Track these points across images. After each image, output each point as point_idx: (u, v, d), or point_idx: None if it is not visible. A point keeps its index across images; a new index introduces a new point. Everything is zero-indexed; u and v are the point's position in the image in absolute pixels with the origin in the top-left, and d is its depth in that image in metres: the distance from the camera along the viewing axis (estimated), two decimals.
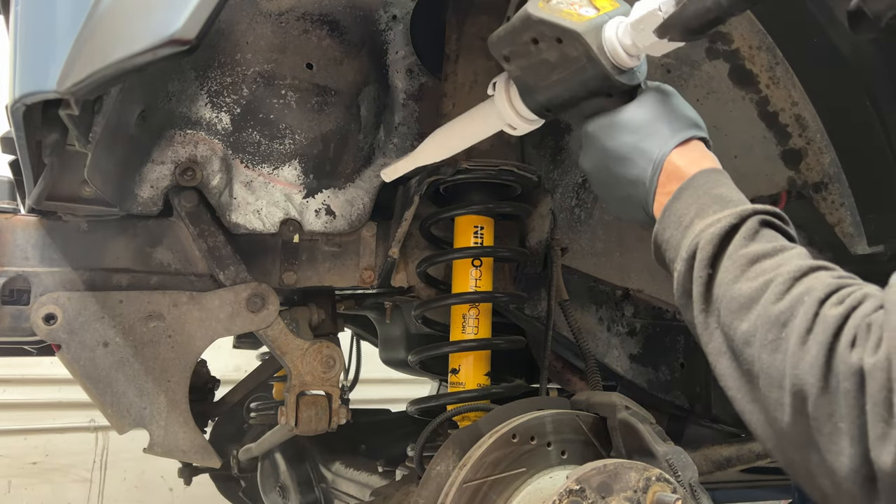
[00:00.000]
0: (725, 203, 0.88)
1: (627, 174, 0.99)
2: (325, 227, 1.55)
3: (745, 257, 0.80)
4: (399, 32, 1.56)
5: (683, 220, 0.90)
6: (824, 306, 0.71)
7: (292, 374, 1.50)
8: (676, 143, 0.96)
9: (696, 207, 0.89)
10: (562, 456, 1.19)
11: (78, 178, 1.29)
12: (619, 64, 0.98)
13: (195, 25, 0.84)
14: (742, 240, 0.82)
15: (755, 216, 0.84)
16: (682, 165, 0.95)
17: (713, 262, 0.83)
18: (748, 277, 0.79)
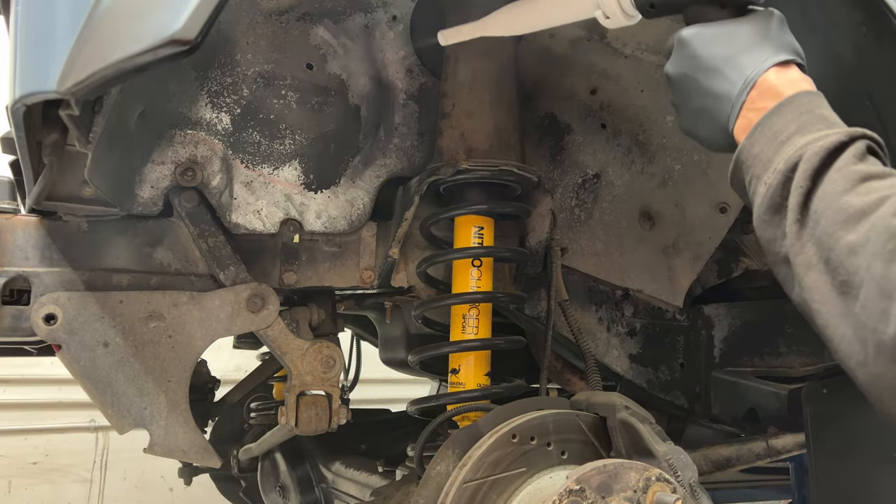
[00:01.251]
0: (831, 123, 0.86)
1: (714, 86, 0.96)
2: (325, 227, 1.55)
3: (857, 173, 0.78)
4: (399, 32, 1.56)
5: (780, 135, 0.87)
6: None
7: (292, 374, 1.50)
8: (775, 62, 0.93)
9: (797, 124, 0.87)
10: (562, 456, 1.19)
11: (78, 178, 1.29)
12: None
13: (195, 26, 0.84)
14: (852, 157, 0.80)
15: (864, 139, 0.83)
16: (780, 84, 0.92)
17: (818, 174, 0.81)
18: (859, 192, 0.77)
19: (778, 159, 0.86)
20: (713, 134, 0.99)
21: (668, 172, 1.79)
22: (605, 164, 1.75)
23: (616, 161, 1.76)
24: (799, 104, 0.89)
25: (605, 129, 1.75)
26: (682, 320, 1.87)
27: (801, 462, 2.53)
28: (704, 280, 1.95)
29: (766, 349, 1.87)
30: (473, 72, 1.46)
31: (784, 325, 1.88)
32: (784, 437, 1.81)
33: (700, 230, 1.82)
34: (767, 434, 1.82)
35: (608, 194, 1.76)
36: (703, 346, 1.88)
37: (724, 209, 1.81)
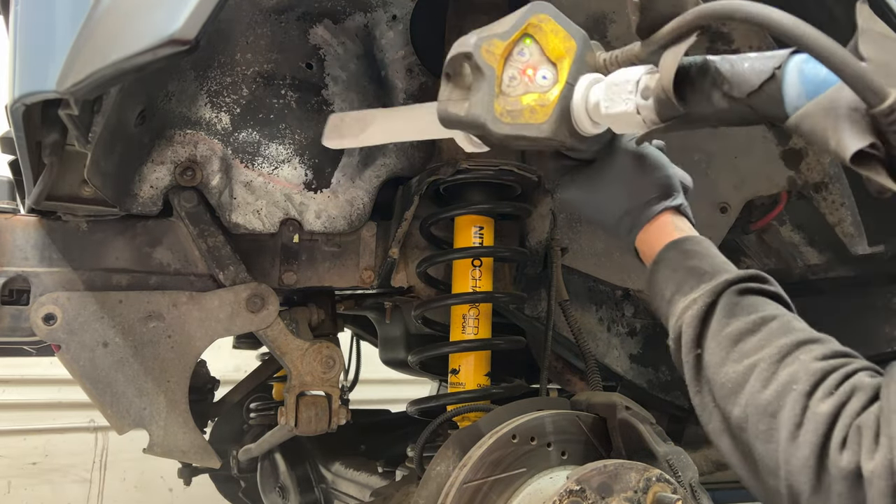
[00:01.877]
0: (700, 276, 0.88)
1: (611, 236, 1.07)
2: (324, 227, 1.55)
3: (728, 338, 0.80)
4: (399, 32, 1.56)
5: (665, 294, 0.91)
6: (812, 399, 0.70)
7: (292, 375, 1.50)
8: (641, 226, 0.98)
9: (673, 283, 0.90)
10: (562, 456, 1.19)
11: (78, 178, 1.29)
12: (587, 133, 0.92)
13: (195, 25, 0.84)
14: (722, 318, 0.82)
15: (730, 288, 0.84)
16: (651, 243, 0.97)
17: (697, 343, 0.84)
18: (733, 360, 0.79)
19: (669, 324, 0.90)
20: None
21: None
22: None
23: None
24: (668, 262, 0.93)
25: None
26: None
27: None
28: None
29: None
30: None
31: None
32: None
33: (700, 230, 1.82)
34: None
35: None
36: None
37: (724, 209, 1.80)
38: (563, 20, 0.91)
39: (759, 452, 0.74)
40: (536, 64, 0.90)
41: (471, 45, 0.89)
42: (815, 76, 0.70)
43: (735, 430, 0.77)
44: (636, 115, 0.84)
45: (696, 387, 0.84)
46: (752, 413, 0.74)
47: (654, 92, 0.81)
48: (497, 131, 0.88)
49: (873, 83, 0.62)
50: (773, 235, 1.89)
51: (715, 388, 0.80)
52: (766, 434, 0.73)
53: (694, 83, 0.80)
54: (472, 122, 0.89)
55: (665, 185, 1.00)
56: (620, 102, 0.85)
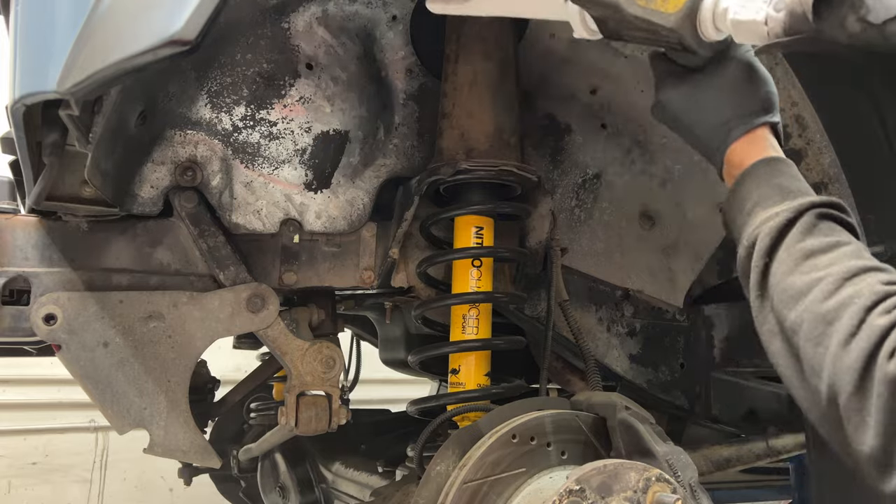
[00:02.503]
0: (785, 194, 0.92)
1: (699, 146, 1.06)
2: (325, 227, 1.55)
3: (801, 251, 0.85)
4: (399, 32, 1.56)
5: (745, 206, 0.95)
6: (871, 314, 0.75)
7: (292, 375, 1.50)
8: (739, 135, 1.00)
9: (756, 195, 0.94)
10: (562, 456, 1.19)
11: (78, 178, 1.29)
12: (707, 37, 0.95)
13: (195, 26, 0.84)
14: (798, 234, 0.87)
15: (812, 210, 0.89)
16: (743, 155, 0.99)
17: (770, 252, 0.89)
18: (801, 271, 0.84)
19: (744, 233, 0.95)
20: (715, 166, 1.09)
21: (668, 172, 1.79)
22: (605, 164, 1.75)
23: (616, 161, 1.75)
24: (757, 176, 0.96)
25: (605, 129, 1.75)
26: (682, 321, 1.87)
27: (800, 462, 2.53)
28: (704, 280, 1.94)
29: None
30: (473, 72, 1.46)
31: None
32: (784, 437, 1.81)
33: (700, 230, 1.82)
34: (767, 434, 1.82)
35: (608, 194, 1.76)
36: (703, 346, 1.88)
37: None
38: None
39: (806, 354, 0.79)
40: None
41: None
42: None
43: (787, 333, 0.83)
44: (763, 26, 0.86)
45: (758, 291, 0.90)
46: (808, 318, 0.80)
47: (790, 4, 0.82)
48: (628, 9, 0.93)
49: None
50: None
51: (776, 293, 0.85)
52: (818, 338, 0.78)
53: (832, 3, 0.80)
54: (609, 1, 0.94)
55: (770, 100, 1.03)
56: (751, 10, 0.87)
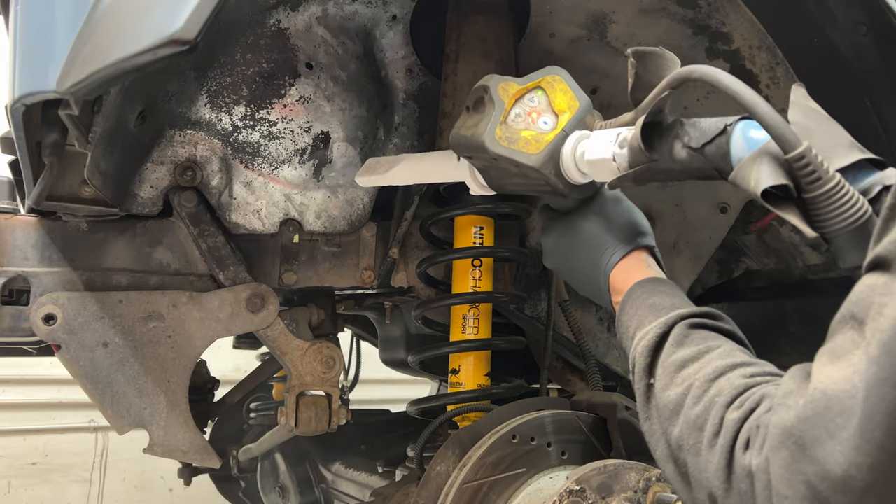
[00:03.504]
0: (658, 311, 0.92)
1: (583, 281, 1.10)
2: (324, 227, 1.55)
3: (673, 364, 0.84)
4: (399, 32, 1.56)
5: (629, 331, 0.95)
6: (728, 410, 0.73)
7: (292, 375, 1.50)
8: (617, 259, 1.04)
9: (636, 319, 0.95)
10: (562, 456, 1.19)
11: (78, 178, 1.29)
12: (573, 180, 1.03)
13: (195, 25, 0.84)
14: (671, 347, 0.86)
15: (682, 321, 0.88)
16: (621, 280, 1.02)
17: (649, 372, 0.87)
18: (675, 384, 0.82)
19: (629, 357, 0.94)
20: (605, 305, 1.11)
21: None
22: None
23: None
24: (633, 300, 0.98)
25: None
26: None
27: None
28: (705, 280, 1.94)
29: (768, 349, 1.86)
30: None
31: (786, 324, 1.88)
32: None
33: (700, 230, 1.82)
34: None
35: None
36: None
37: (724, 209, 1.81)
38: (574, 85, 1.07)
39: (691, 469, 0.76)
40: (541, 111, 1.05)
41: (491, 80, 1.07)
42: (757, 137, 0.80)
43: (675, 452, 0.80)
44: (612, 162, 0.95)
45: (645, 413, 0.87)
46: (685, 429, 0.78)
47: (629, 140, 0.92)
48: (492, 148, 1.04)
49: (789, 134, 0.73)
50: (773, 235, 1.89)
51: (659, 412, 0.83)
52: (694, 448, 0.76)
53: (662, 135, 0.91)
54: (474, 140, 1.06)
55: (641, 225, 1.08)
56: (601, 150, 0.97)
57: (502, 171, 1.09)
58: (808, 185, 0.72)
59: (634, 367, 0.90)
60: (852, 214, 0.72)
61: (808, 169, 0.72)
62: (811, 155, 0.72)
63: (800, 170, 0.72)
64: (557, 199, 1.11)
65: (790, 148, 0.72)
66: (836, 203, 0.72)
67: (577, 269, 1.11)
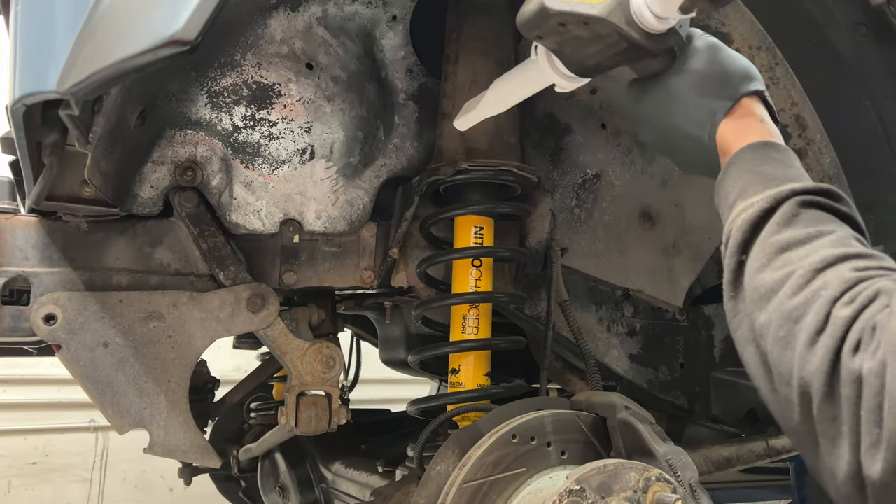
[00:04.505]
0: (767, 181, 0.83)
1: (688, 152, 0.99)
2: (324, 228, 1.55)
3: (774, 245, 0.77)
4: (399, 33, 1.56)
5: (729, 198, 0.87)
6: (836, 306, 0.67)
7: (292, 375, 1.50)
8: (723, 114, 0.93)
9: (739, 186, 0.86)
10: (562, 456, 1.19)
11: (78, 178, 1.29)
12: (653, 30, 0.94)
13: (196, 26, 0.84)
14: (775, 226, 0.78)
15: (794, 197, 0.79)
16: (730, 139, 0.92)
17: (744, 248, 0.80)
18: (774, 267, 0.75)
19: (725, 227, 0.86)
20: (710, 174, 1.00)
21: (668, 172, 1.79)
22: (605, 164, 1.75)
23: (616, 161, 1.76)
24: (741, 164, 0.88)
25: (605, 129, 1.75)
26: (682, 320, 1.87)
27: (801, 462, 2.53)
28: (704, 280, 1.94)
29: None
30: (473, 72, 1.46)
31: None
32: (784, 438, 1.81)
33: (700, 230, 1.82)
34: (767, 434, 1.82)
35: (608, 194, 1.76)
36: (703, 346, 1.88)
37: None
38: None
39: (774, 359, 0.71)
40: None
41: None
42: None
43: (758, 338, 0.74)
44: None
45: (731, 292, 0.81)
46: (775, 318, 0.71)
47: None
48: (553, 6, 0.94)
49: None
50: None
51: (748, 293, 0.76)
52: (783, 340, 0.70)
53: None
54: (534, 7, 0.96)
55: (747, 69, 0.96)
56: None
57: (576, 43, 0.99)
58: None
59: (728, 240, 0.82)
60: None
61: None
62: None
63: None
64: (643, 62, 1.00)
65: None
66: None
67: (679, 137, 0.99)
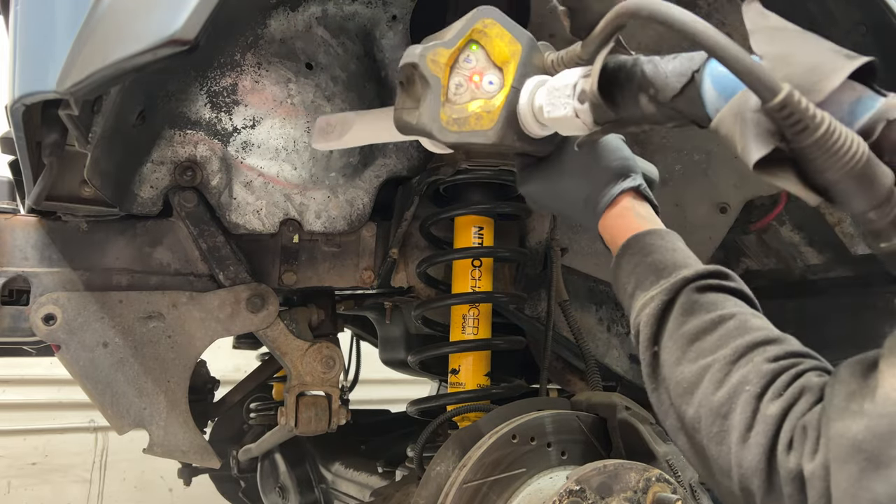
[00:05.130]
0: (659, 272, 0.86)
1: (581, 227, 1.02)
2: (324, 227, 1.55)
3: (684, 337, 0.80)
4: (399, 32, 1.56)
5: (627, 289, 0.90)
6: (762, 402, 0.70)
7: (292, 375, 1.50)
8: (602, 210, 0.96)
9: (634, 279, 0.89)
10: (562, 456, 1.19)
11: (78, 178, 1.29)
12: (535, 135, 0.94)
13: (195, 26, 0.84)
14: (679, 316, 0.81)
15: (689, 285, 0.83)
16: (614, 233, 0.95)
17: (655, 340, 0.83)
18: (689, 359, 0.78)
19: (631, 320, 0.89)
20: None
21: (668, 172, 1.79)
22: None
23: None
24: (630, 256, 0.91)
25: None
26: None
27: None
28: None
29: None
30: None
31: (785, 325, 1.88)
32: None
33: (700, 230, 1.82)
34: None
35: None
36: None
37: (724, 209, 1.80)
38: (509, 23, 0.93)
39: (712, 454, 0.73)
40: (483, 70, 0.92)
41: (416, 56, 0.90)
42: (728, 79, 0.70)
43: (689, 430, 0.77)
44: (576, 119, 0.85)
45: (652, 384, 0.84)
46: (704, 415, 0.74)
47: (588, 97, 0.81)
48: (444, 139, 0.90)
49: (765, 79, 0.62)
50: (773, 235, 1.89)
51: (671, 387, 0.80)
52: (718, 436, 0.73)
53: (622, 87, 0.81)
54: (421, 130, 0.91)
55: (621, 166, 0.98)
56: (560, 107, 0.86)
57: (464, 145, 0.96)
58: (796, 136, 0.61)
59: (638, 334, 0.85)
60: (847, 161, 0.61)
61: (792, 119, 0.61)
62: (793, 101, 0.60)
63: (783, 120, 0.61)
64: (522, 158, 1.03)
65: (769, 96, 0.61)
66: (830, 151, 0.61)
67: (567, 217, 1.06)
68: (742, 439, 0.70)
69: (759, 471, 0.68)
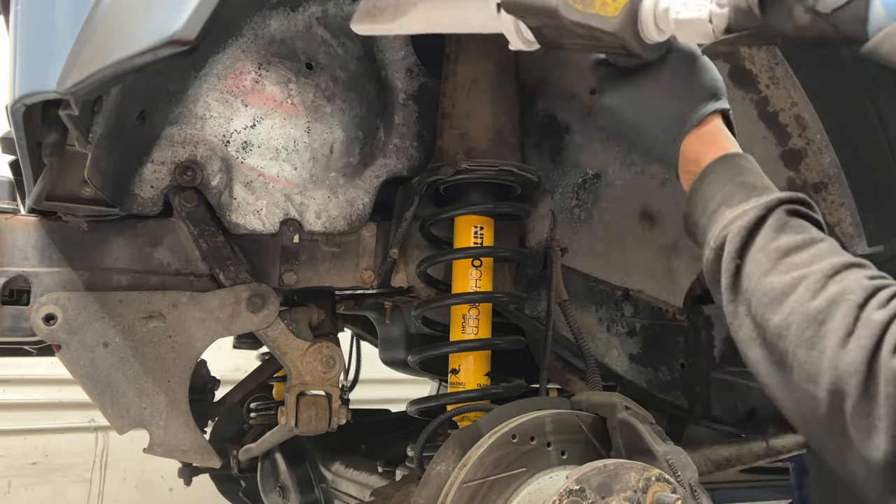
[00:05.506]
0: (751, 191, 0.90)
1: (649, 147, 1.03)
2: (325, 227, 1.55)
3: (777, 250, 0.82)
4: None
5: (709, 206, 0.92)
6: (866, 310, 0.73)
7: (292, 375, 1.50)
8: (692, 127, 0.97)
9: (721, 195, 0.91)
10: (562, 456, 1.19)
11: (78, 178, 1.29)
12: (650, 39, 0.92)
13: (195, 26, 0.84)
14: (771, 232, 0.84)
15: (781, 206, 0.86)
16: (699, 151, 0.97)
17: (742, 253, 0.86)
18: (780, 271, 0.81)
19: (710, 234, 0.91)
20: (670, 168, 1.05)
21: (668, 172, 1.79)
22: (605, 164, 1.75)
23: (616, 161, 1.75)
24: (719, 173, 0.93)
25: None
26: (682, 320, 1.87)
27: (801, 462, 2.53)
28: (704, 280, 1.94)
29: None
30: (473, 72, 1.46)
31: None
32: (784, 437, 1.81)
33: None
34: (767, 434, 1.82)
35: (608, 194, 1.76)
36: (703, 346, 1.88)
37: None
38: None
39: (799, 359, 0.76)
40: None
41: None
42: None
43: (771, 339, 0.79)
44: (707, 24, 0.83)
45: (731, 295, 0.86)
46: (796, 321, 0.77)
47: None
48: (567, 16, 0.89)
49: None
50: None
51: (754, 297, 0.82)
52: (810, 341, 0.75)
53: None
54: (542, 4, 0.89)
55: (716, 86, 1.00)
56: (694, 8, 0.84)
57: (561, 32, 0.94)
58: None
59: (723, 244, 0.88)
60: None
61: None
62: None
63: None
64: (626, 59, 0.98)
65: None
66: None
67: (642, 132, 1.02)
68: (841, 344, 0.72)
69: (858, 372, 0.71)
